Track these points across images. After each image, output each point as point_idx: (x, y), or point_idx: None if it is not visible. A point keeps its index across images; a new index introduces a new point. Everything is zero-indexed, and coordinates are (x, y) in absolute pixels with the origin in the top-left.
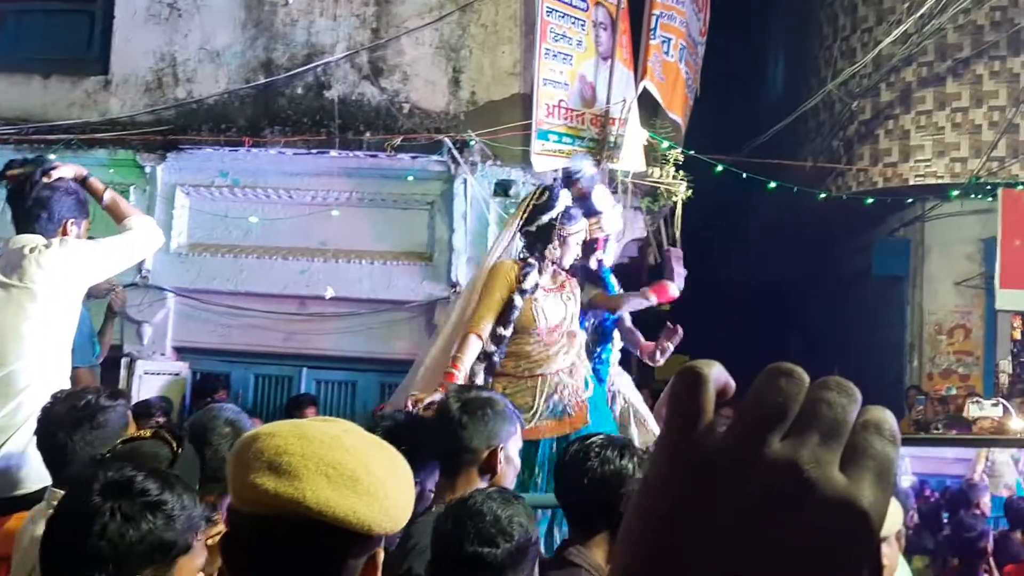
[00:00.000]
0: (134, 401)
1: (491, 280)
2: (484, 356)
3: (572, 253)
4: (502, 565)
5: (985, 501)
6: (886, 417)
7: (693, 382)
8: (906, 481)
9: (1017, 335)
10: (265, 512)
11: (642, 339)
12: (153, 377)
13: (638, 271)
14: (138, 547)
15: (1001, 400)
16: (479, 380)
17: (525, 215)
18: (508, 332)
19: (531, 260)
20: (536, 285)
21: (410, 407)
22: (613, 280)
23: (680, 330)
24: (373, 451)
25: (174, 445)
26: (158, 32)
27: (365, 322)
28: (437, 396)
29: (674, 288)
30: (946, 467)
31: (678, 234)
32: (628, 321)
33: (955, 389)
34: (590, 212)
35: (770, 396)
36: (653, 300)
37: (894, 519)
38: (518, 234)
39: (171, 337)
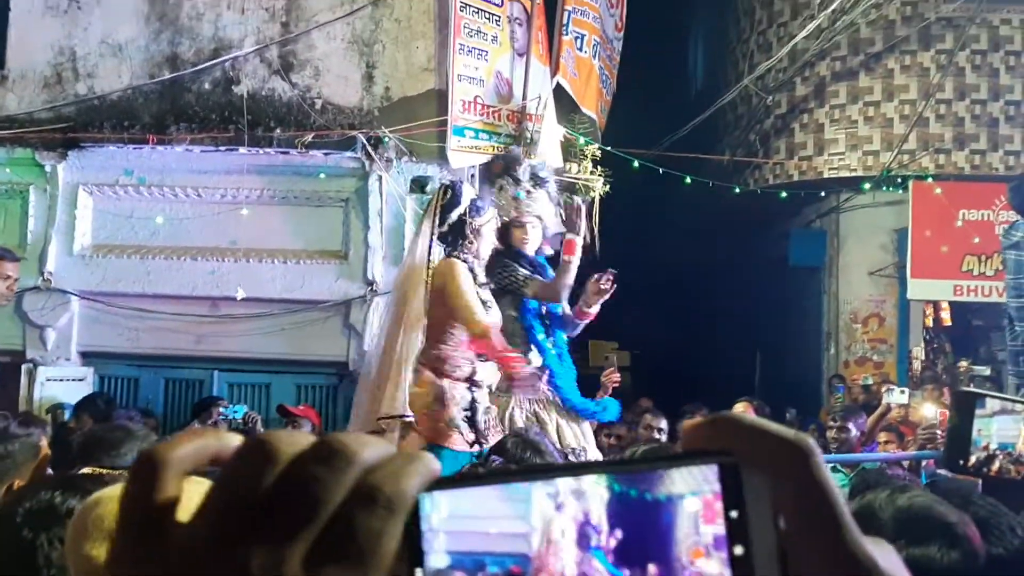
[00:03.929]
0: (36, 406)
1: (459, 280)
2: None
3: (488, 243)
4: None
5: None
6: (384, 481)
7: (144, 470)
8: (438, 561)
9: (929, 323)
10: None
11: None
12: (56, 383)
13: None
14: None
15: (906, 389)
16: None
17: (436, 217)
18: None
19: (464, 257)
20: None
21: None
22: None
23: (610, 272)
24: None
25: None
26: (56, 25)
27: (279, 323)
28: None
29: (577, 240)
30: (491, 543)
31: (597, 229)
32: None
33: (871, 378)
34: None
35: (228, 483)
36: (571, 259)
37: None
38: (435, 239)
39: (76, 342)
